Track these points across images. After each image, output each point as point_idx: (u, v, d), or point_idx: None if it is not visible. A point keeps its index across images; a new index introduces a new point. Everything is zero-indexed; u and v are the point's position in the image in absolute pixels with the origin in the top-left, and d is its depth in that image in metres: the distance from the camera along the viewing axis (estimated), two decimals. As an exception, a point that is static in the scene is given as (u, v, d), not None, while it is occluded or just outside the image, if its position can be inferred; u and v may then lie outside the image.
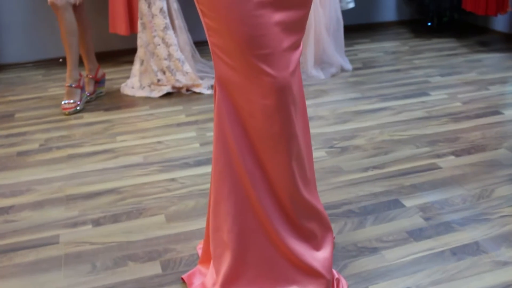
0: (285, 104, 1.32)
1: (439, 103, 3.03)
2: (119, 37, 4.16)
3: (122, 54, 4.24)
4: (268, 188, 1.41)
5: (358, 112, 2.92)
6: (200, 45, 4.24)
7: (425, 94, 3.17)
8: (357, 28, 4.70)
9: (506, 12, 3.95)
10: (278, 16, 1.27)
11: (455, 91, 3.21)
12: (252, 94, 1.31)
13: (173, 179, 2.25)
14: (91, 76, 3.28)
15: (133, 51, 4.16)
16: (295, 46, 1.34)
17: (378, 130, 2.68)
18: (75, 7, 3.08)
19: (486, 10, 3.95)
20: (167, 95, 3.29)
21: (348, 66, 3.65)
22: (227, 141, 1.38)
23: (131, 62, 4.00)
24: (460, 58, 3.90)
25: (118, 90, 3.44)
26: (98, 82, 3.34)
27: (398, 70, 3.64)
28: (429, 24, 4.67)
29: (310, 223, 1.52)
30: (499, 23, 4.46)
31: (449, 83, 3.35)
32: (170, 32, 3.25)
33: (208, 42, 1.34)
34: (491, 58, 3.89)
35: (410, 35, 4.57)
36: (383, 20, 4.90)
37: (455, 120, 2.78)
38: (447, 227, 1.87)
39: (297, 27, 1.33)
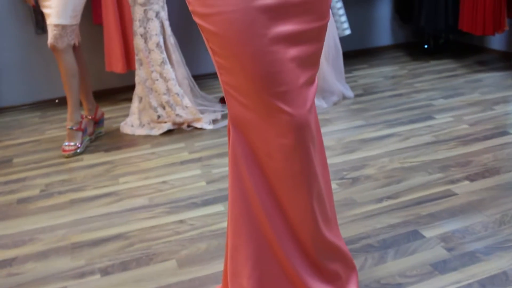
0: (304, 142, 1.26)
1: (445, 126, 2.97)
2: (115, 75, 4.13)
3: (119, 91, 4.19)
4: (289, 230, 1.34)
5: (365, 140, 2.86)
6: (199, 78, 4.22)
7: (431, 118, 3.12)
8: (354, 54, 4.68)
9: (504, 31, 3.94)
10: (293, 51, 1.21)
11: (460, 113, 3.16)
12: (269, 134, 1.25)
13: (181, 221, 2.17)
14: (90, 117, 3.21)
15: (130, 88, 4.13)
16: (311, 81, 1.28)
17: (388, 158, 2.62)
18: (73, 47, 3.03)
19: (483, 30, 3.93)
20: (168, 132, 3.22)
21: (350, 93, 3.60)
22: (244, 183, 1.31)
23: (128, 99, 3.96)
24: (460, 79, 3.87)
25: (118, 129, 3.38)
26: (97, 122, 3.27)
27: (400, 95, 3.59)
28: (426, 46, 4.65)
29: (333, 264, 1.44)
30: (496, 41, 4.45)
31: (453, 105, 3.30)
32: (168, 66, 3.20)
33: (220, 81, 1.28)
34: (492, 77, 3.86)
35: (408, 59, 4.55)
36: (379, 45, 4.89)
37: (464, 143, 2.73)
38: (471, 257, 1.79)
39: (312, 62, 1.27)
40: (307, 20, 1.22)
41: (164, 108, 3.25)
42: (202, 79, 4.32)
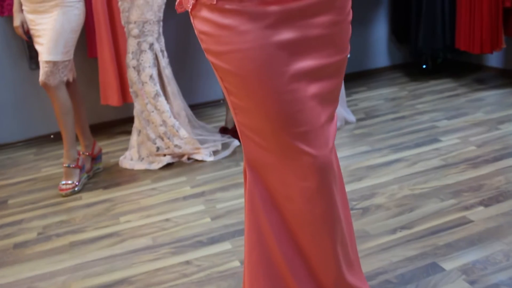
0: (327, 185, 1.17)
1: (453, 148, 2.90)
2: (111, 108, 4.05)
3: (116, 124, 4.12)
4: (310, 276, 1.25)
5: (372, 167, 2.78)
6: (197, 108, 4.16)
7: (436, 140, 3.05)
8: (352, 76, 4.63)
9: (501, 49, 3.90)
10: (314, 88, 1.14)
11: (466, 134, 3.10)
12: (289, 176, 1.17)
13: (187, 262, 2.07)
14: (87, 153, 3.12)
15: (127, 120, 4.06)
16: (331, 118, 1.20)
17: (397, 185, 2.54)
18: (68, 83, 2.96)
19: (481, 49, 3.90)
20: (168, 166, 3.14)
21: (352, 118, 3.54)
22: (262, 229, 1.22)
23: (126, 132, 3.88)
24: (462, 98, 3.82)
25: (116, 164, 3.29)
26: (95, 158, 3.19)
27: (403, 117, 3.53)
28: (424, 66, 4.61)
29: (356, 309, 1.35)
30: (493, 59, 4.41)
31: (458, 126, 3.24)
32: (161, 99, 3.12)
33: (235, 121, 1.20)
34: (492, 95, 3.81)
35: (407, 79, 4.50)
36: (377, 66, 4.85)
37: (474, 166, 2.65)
38: (496, 291, 1.70)
39: (333, 98, 1.20)
40: (327, 54, 1.15)
41: (162, 139, 3.17)
42: (200, 108, 4.25)
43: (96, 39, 3.73)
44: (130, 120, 3.94)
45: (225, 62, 1.11)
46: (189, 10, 1.15)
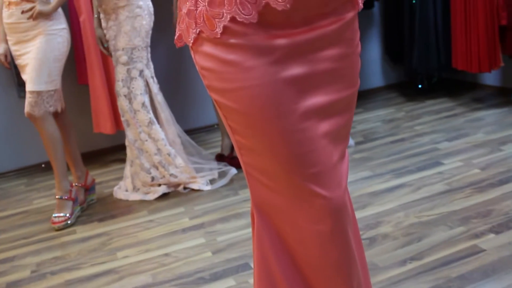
0: (341, 228, 1.10)
1: (456, 172, 2.84)
2: (104, 135, 3.97)
3: (109, 152, 4.03)
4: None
5: (375, 193, 2.71)
6: (190, 133, 4.07)
7: (439, 163, 2.99)
8: (347, 98, 4.57)
9: (499, 67, 3.87)
10: (325, 126, 1.07)
11: (468, 156, 3.04)
12: (300, 220, 1.09)
13: (190, 301, 1.98)
14: (80, 185, 3.03)
15: (120, 148, 3.97)
16: (343, 156, 1.13)
17: (402, 212, 2.47)
18: (56, 114, 2.87)
19: (479, 68, 3.86)
20: (164, 196, 3.04)
21: (350, 141, 3.47)
22: (273, 276, 1.14)
23: (119, 160, 3.80)
24: (460, 118, 3.77)
25: (111, 195, 3.19)
26: (88, 189, 3.09)
27: (402, 140, 3.47)
28: (420, 86, 4.57)
29: None
30: (489, 77, 4.38)
31: (459, 148, 3.18)
32: (156, 126, 3.04)
33: (241, 161, 1.12)
34: (491, 115, 3.76)
35: (402, 99, 4.45)
36: (371, 87, 4.81)
37: (479, 190, 2.59)
38: (516, 327, 1.62)
39: (344, 135, 1.13)
40: (337, 89, 1.09)
41: (157, 168, 3.08)
42: (195, 133, 4.18)
43: (86, 66, 3.65)
44: (123, 147, 3.85)
45: (230, 100, 1.04)
46: (190, 45, 1.08)
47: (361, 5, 1.12)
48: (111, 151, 4.04)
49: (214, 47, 1.03)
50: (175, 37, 1.14)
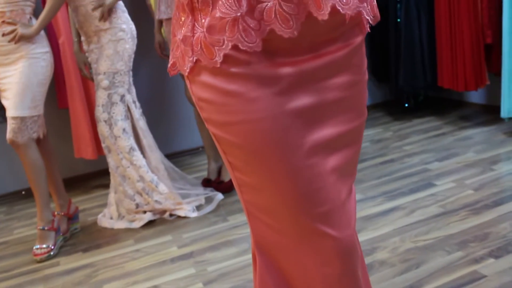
0: (351, 270, 1.02)
1: (449, 193, 2.79)
2: (86, 160, 3.85)
3: (92, 177, 3.92)
4: None
5: (368, 218, 2.64)
6: (174, 157, 3.99)
7: (431, 184, 2.94)
8: (333, 118, 4.53)
9: (485, 86, 3.86)
10: (333, 161, 1.00)
11: (460, 176, 2.99)
12: (307, 262, 1.01)
13: (182, 338, 1.88)
14: (63, 213, 2.92)
15: (103, 173, 3.86)
16: (350, 191, 1.06)
17: (398, 237, 2.40)
18: (38, 140, 2.77)
19: (465, 86, 3.85)
20: (150, 223, 2.94)
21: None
22: (278, 321, 1.05)
23: (103, 186, 3.69)
24: (449, 137, 3.74)
25: (95, 223, 3.08)
26: (71, 218, 2.98)
27: (392, 161, 3.42)
28: (407, 105, 4.55)
29: None
30: (475, 95, 4.37)
31: (450, 168, 3.14)
32: (137, 153, 2.94)
33: (241, 199, 1.04)
34: (480, 133, 3.74)
35: (389, 119, 4.42)
36: (358, 106, 4.76)
37: (475, 212, 2.54)
38: None
39: (351, 169, 1.06)
40: (345, 120, 1.02)
41: (141, 195, 2.98)
42: (179, 157, 4.09)
43: (66, 89, 3.56)
44: (107, 172, 3.74)
45: (231, 134, 0.96)
46: (186, 74, 1.00)
47: (368, 29, 1.05)
48: (94, 176, 3.93)
49: (213, 77, 0.95)
50: (169, 65, 1.06)
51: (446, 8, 3.84)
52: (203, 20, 0.93)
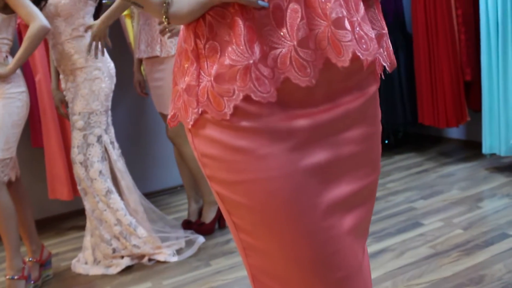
0: None
1: (438, 233, 2.72)
2: (60, 200, 3.69)
3: (66, 218, 3.76)
4: None
5: (358, 260, 2.54)
6: (152, 197, 3.86)
7: (419, 224, 2.86)
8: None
9: (466, 122, 3.85)
10: (349, 221, 0.90)
11: (447, 215, 2.93)
12: None
13: None
14: (35, 260, 2.75)
15: (78, 213, 3.72)
16: (364, 251, 0.96)
17: (390, 281, 2.30)
18: (9, 182, 2.62)
19: (446, 123, 3.84)
20: (128, 269, 2.79)
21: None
22: None
23: (77, 228, 3.53)
24: (432, 174, 3.70)
25: (68, 269, 2.92)
26: (44, 264, 2.81)
27: (376, 199, 3.35)
28: (387, 141, 4.52)
29: None
30: (454, 131, 4.37)
31: (437, 206, 3.08)
32: (114, 196, 2.80)
33: (245, 263, 0.93)
34: (462, 169, 3.71)
35: (370, 155, 4.37)
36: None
37: (467, 253, 2.46)
38: None
39: (366, 228, 0.97)
40: (361, 175, 0.93)
41: (118, 239, 2.83)
42: (157, 197, 3.95)
43: (41, 128, 3.43)
44: (82, 213, 3.60)
45: (238, 194, 0.86)
46: (189, 127, 0.90)
47: (382, 76, 0.98)
48: (68, 218, 3.76)
49: (220, 131, 0.85)
50: (168, 116, 0.95)
51: (425, 46, 3.85)
52: (210, 68, 0.84)
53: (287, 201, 0.84)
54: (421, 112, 4.02)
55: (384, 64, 0.94)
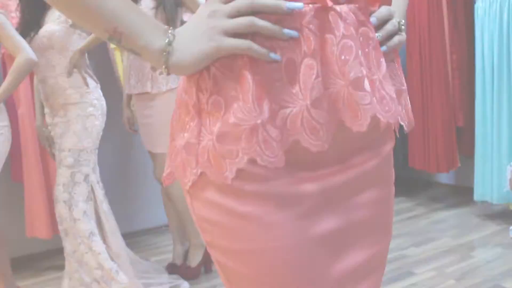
0: None
1: (431, 284, 2.64)
2: (38, 238, 3.55)
3: (44, 257, 3.60)
4: None
5: (348, 311, 2.44)
6: (134, 236, 3.74)
7: (410, 273, 2.78)
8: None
9: (457, 168, 3.82)
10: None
11: (439, 264, 2.86)
12: None
13: None
14: (8, 304, 2.61)
15: (56, 252, 3.55)
16: None
17: (383, 335, 2.20)
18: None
19: (437, 168, 3.80)
20: (108, 314, 2.66)
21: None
22: None
23: (56, 268, 3.39)
24: (422, 220, 3.64)
25: (44, 314, 2.77)
26: (18, 308, 2.67)
27: (367, 245, 3.26)
28: (376, 185, 4.46)
29: None
30: (444, 176, 4.33)
31: (428, 255, 3.01)
32: (97, 238, 2.67)
33: None
34: (453, 216, 3.66)
35: (359, 198, 4.31)
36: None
37: (460, 306, 2.38)
38: None
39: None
40: (372, 241, 0.85)
41: (98, 283, 2.69)
42: (140, 237, 3.83)
43: (22, 162, 3.32)
44: (60, 251, 3.43)
45: (241, 263, 0.78)
46: (186, 188, 0.81)
47: (397, 134, 0.91)
48: (47, 256, 3.61)
49: (221, 195, 0.77)
50: (164, 174, 0.87)
51: (418, 89, 3.84)
52: (213, 126, 0.75)
53: (294, 273, 0.76)
54: (412, 156, 3.99)
55: (402, 123, 0.87)
